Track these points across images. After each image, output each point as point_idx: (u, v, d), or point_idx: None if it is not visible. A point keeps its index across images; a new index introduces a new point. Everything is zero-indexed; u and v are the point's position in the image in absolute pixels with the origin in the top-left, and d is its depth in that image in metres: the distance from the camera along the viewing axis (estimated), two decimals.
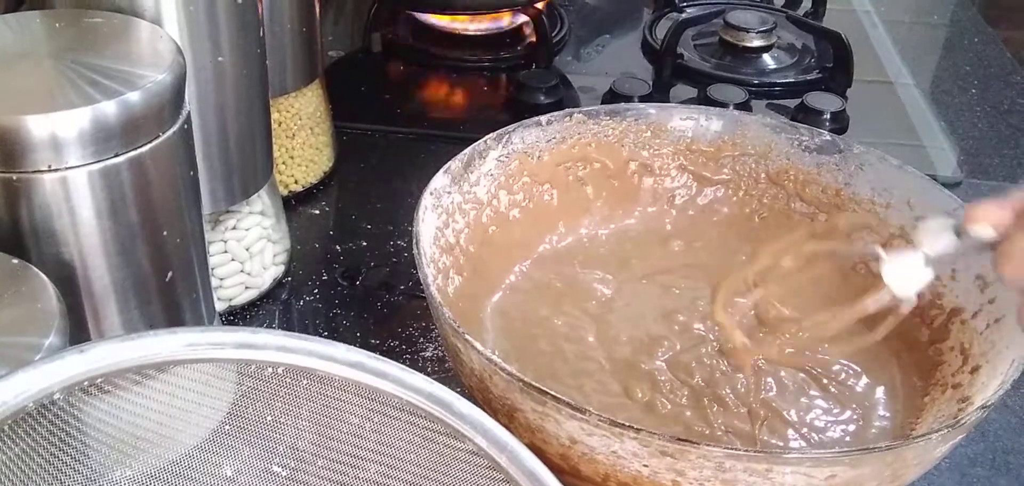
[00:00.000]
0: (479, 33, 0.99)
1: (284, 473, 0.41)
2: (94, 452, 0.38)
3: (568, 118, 0.63)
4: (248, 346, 0.39)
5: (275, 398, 0.40)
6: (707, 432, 0.51)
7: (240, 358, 0.39)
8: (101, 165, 0.43)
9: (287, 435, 0.41)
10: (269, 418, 0.40)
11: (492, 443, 0.38)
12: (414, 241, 0.52)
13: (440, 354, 0.61)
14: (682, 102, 0.84)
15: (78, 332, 0.44)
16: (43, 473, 0.36)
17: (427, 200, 0.55)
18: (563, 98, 0.89)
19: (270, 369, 0.39)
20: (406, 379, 0.39)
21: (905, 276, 0.46)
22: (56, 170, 0.42)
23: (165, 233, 0.47)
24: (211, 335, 0.39)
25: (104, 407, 0.37)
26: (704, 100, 0.86)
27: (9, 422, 0.34)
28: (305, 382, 0.39)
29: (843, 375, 0.55)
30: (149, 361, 0.37)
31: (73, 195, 0.43)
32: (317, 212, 0.74)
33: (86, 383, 0.36)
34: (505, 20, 0.99)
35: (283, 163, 0.73)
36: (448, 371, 0.59)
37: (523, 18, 0.99)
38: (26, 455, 0.35)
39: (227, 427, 0.40)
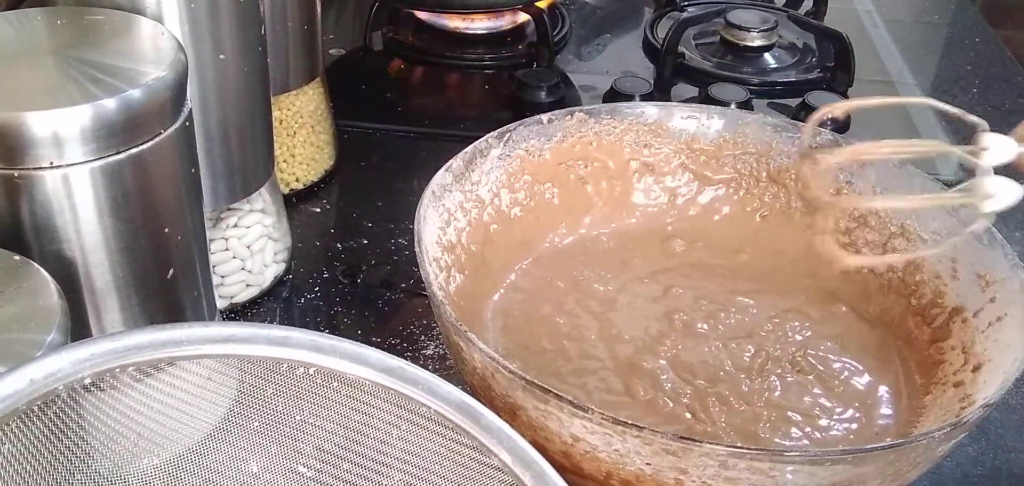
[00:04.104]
0: (480, 32, 0.99)
1: (309, 474, 0.41)
2: (96, 449, 0.38)
3: (569, 117, 0.63)
4: (281, 344, 0.39)
5: (304, 398, 0.39)
6: (710, 430, 0.51)
7: (272, 356, 0.39)
8: (103, 162, 0.43)
9: (314, 436, 0.40)
10: (298, 418, 0.40)
11: (518, 460, 0.38)
12: (416, 239, 0.52)
13: (441, 352, 0.61)
14: (683, 101, 0.83)
15: (79, 329, 0.44)
16: (45, 468, 0.36)
17: (428, 198, 0.55)
18: (564, 97, 0.89)
19: (301, 369, 0.39)
20: (437, 388, 0.39)
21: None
22: (58, 167, 0.42)
23: (166, 230, 0.47)
24: (231, 330, 0.39)
25: (110, 402, 0.37)
26: (705, 99, 0.86)
27: (11, 418, 0.34)
28: (335, 384, 0.39)
29: (846, 373, 0.55)
30: (179, 354, 0.37)
31: (75, 192, 0.43)
32: (318, 210, 0.74)
33: (88, 379, 0.36)
34: (506, 19, 0.99)
35: (284, 161, 0.73)
36: (449, 369, 0.59)
37: (524, 17, 0.98)
38: (27, 451, 0.35)
39: (256, 424, 0.40)
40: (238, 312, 0.64)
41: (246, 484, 0.41)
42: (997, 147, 0.44)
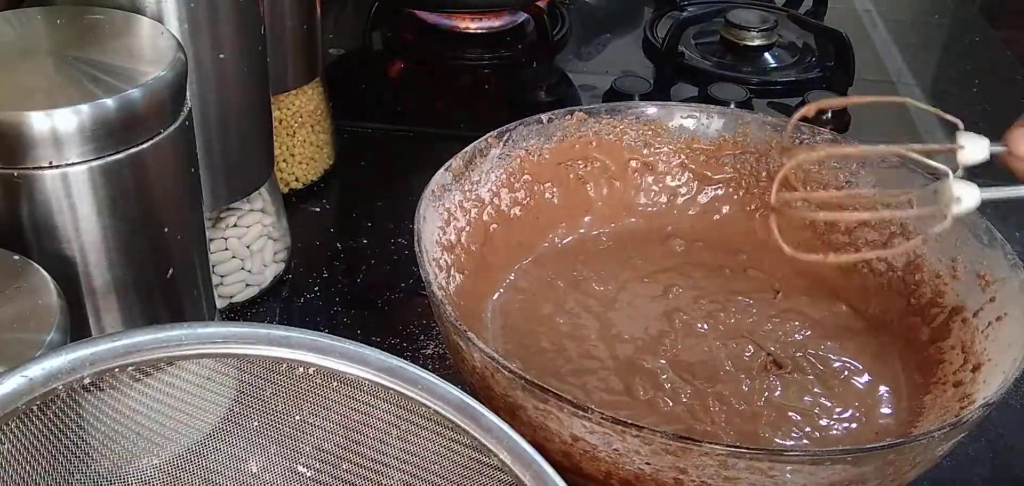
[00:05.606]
0: (480, 31, 0.99)
1: (309, 474, 0.41)
2: (96, 449, 0.38)
3: (569, 116, 0.63)
4: (281, 344, 0.39)
5: (304, 398, 0.39)
6: (710, 430, 0.51)
7: (272, 355, 0.39)
8: (102, 162, 0.43)
9: (314, 436, 0.40)
10: (297, 418, 0.40)
11: (517, 460, 0.38)
12: (416, 239, 0.52)
13: (441, 351, 0.61)
14: (683, 101, 0.84)
15: (79, 329, 0.44)
16: (45, 468, 0.36)
17: (428, 198, 0.55)
18: (564, 96, 0.89)
19: (301, 369, 0.39)
20: (437, 388, 0.39)
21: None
22: (57, 167, 0.42)
23: (166, 230, 0.47)
24: (231, 330, 0.39)
25: (109, 402, 0.37)
26: (705, 99, 0.86)
27: (11, 418, 0.34)
28: (335, 384, 0.39)
29: (845, 373, 0.55)
30: (179, 354, 0.37)
31: (74, 192, 0.43)
32: (318, 210, 0.74)
33: (87, 379, 0.36)
34: (506, 18, 0.99)
35: (284, 161, 0.73)
36: (449, 369, 0.58)
37: (524, 16, 0.99)
38: (27, 451, 0.35)
39: (256, 424, 0.40)
40: (238, 312, 0.64)
41: (246, 484, 0.41)
42: (972, 146, 0.44)
